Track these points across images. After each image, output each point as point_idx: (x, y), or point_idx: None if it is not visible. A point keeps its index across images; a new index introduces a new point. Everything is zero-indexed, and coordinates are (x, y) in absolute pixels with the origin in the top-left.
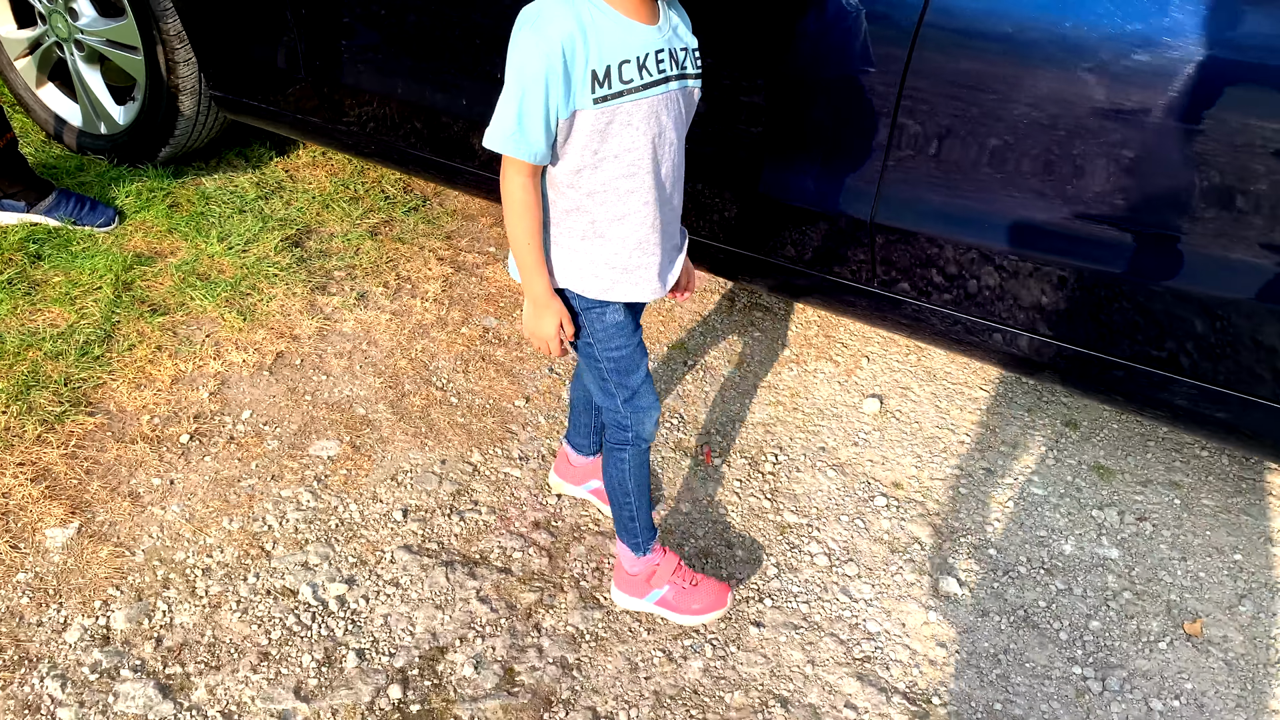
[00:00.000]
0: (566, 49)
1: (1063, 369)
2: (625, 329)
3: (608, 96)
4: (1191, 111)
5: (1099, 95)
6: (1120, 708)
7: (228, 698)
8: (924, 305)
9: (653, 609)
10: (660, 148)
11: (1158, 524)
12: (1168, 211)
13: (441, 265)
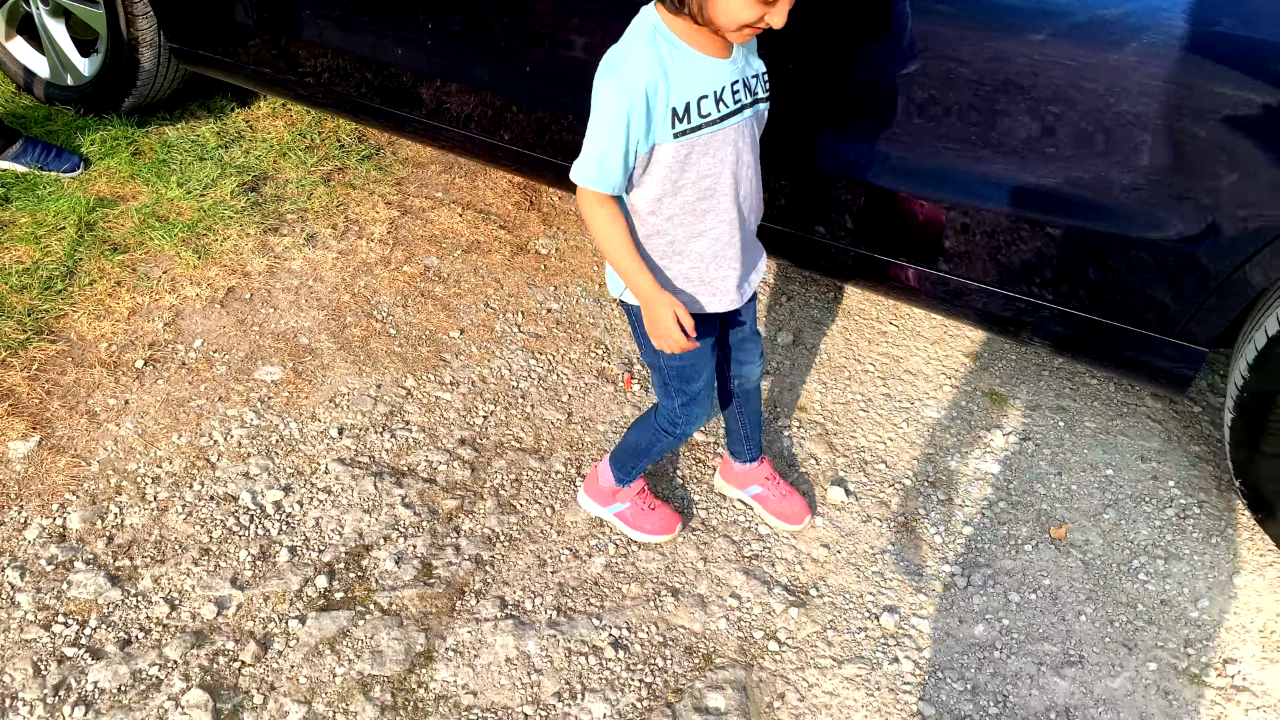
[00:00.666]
0: (649, 91)
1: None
2: (697, 351)
3: (687, 130)
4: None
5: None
6: (981, 600)
7: (170, 586)
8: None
9: (610, 519)
10: (738, 171)
11: (1040, 444)
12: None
13: (389, 209)
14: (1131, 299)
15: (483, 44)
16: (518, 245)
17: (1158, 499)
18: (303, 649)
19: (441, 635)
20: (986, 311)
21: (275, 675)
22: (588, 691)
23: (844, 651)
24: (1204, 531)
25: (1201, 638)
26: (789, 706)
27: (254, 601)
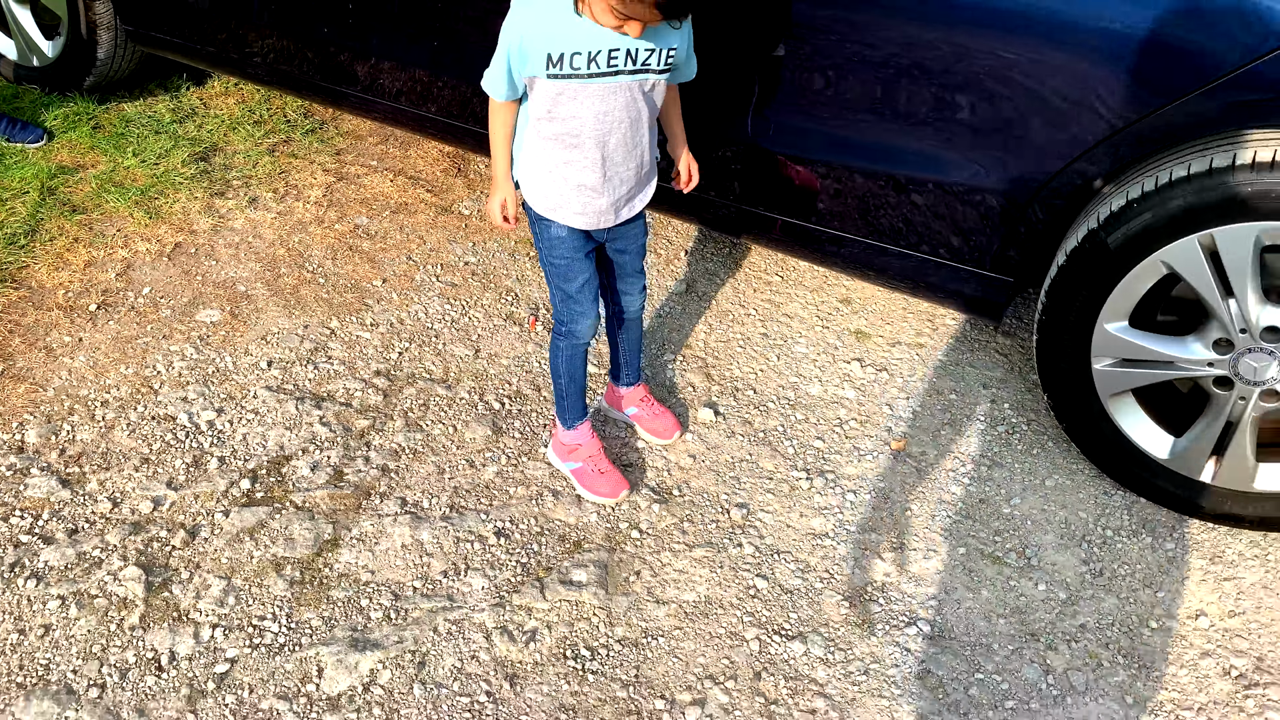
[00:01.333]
0: (531, 33)
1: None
2: (566, 244)
3: (557, 76)
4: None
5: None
6: (822, 499)
7: (114, 488)
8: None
9: (567, 474)
10: (604, 123)
11: (894, 374)
12: None
13: (327, 175)
14: (949, 237)
15: (410, 26)
16: (442, 207)
17: (991, 418)
18: (225, 536)
19: (347, 527)
20: (838, 254)
21: (201, 557)
22: (470, 570)
23: (696, 538)
24: (1027, 444)
25: (1009, 529)
26: (642, 580)
27: (185, 500)
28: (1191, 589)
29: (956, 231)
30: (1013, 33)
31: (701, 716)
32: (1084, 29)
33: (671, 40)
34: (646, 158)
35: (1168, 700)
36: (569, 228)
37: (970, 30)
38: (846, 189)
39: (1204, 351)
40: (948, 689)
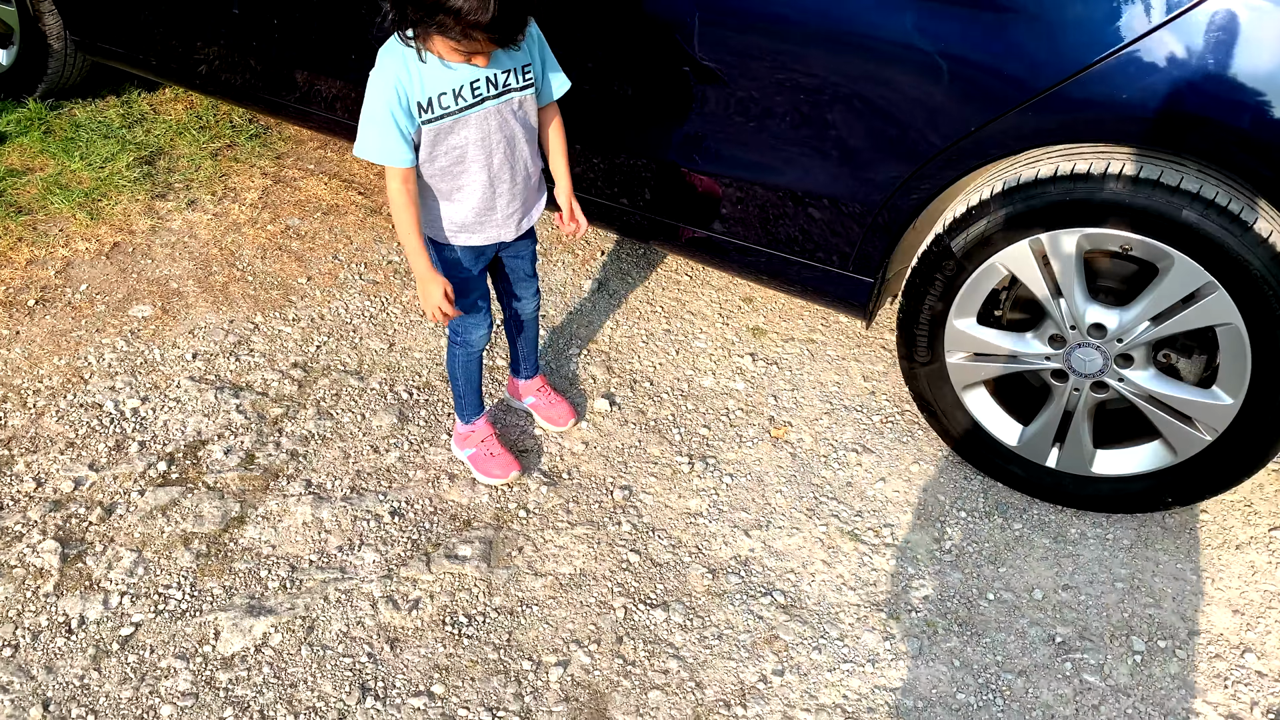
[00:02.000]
0: (399, 87)
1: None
2: (461, 265)
3: (431, 119)
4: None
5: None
6: (700, 482)
7: (39, 469)
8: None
9: (464, 459)
10: (488, 144)
11: (784, 368)
12: None
13: (265, 179)
14: (818, 243)
15: (338, 41)
16: (372, 209)
17: (868, 409)
18: (139, 513)
19: (254, 506)
20: (731, 259)
21: (115, 532)
22: (364, 545)
23: (579, 517)
24: (898, 433)
25: (870, 509)
26: (524, 555)
27: (105, 480)
28: (1032, 565)
29: (823, 237)
30: (860, 58)
31: (564, 676)
32: (918, 53)
33: (522, 59)
34: (532, 170)
35: (992, 663)
36: (463, 248)
37: (827, 55)
38: (738, 199)
39: (1041, 346)
40: (792, 653)
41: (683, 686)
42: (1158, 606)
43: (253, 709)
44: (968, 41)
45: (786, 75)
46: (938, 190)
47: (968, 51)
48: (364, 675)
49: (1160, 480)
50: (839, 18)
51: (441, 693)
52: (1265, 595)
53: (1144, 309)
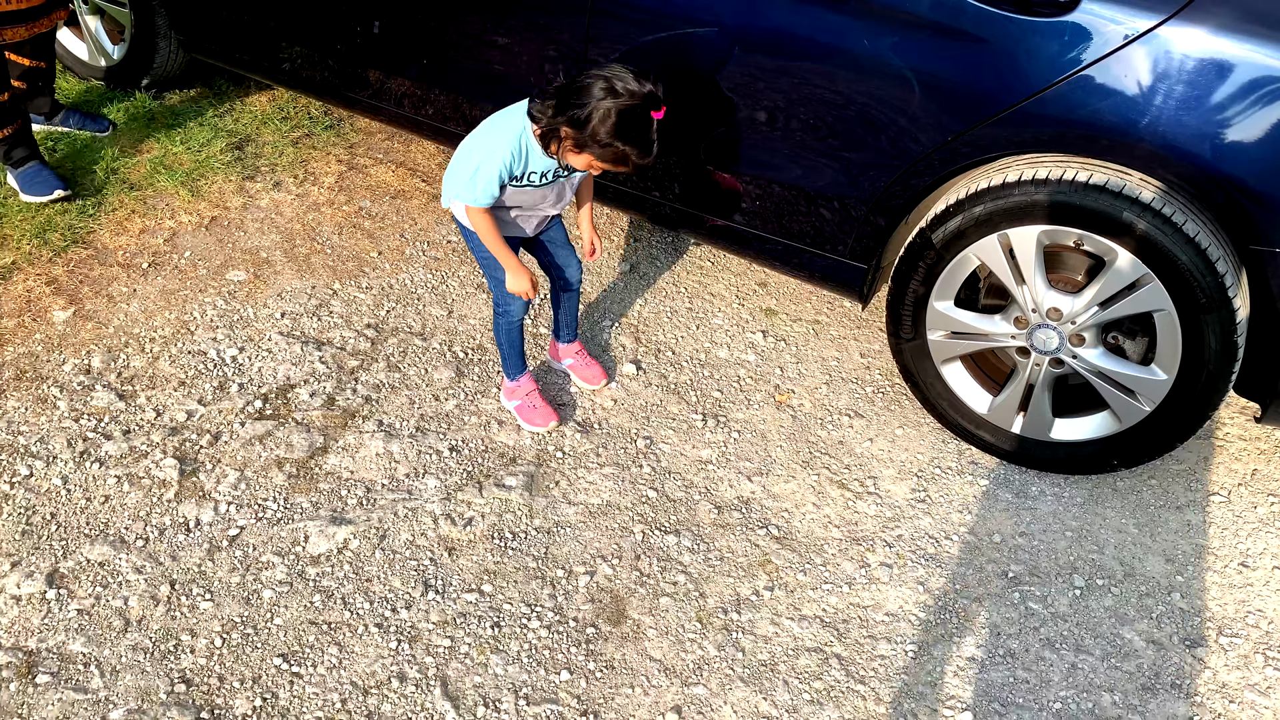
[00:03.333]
0: (507, 164)
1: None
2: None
3: (518, 186)
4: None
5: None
6: (711, 435)
7: (157, 402)
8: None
9: (510, 409)
10: (545, 199)
11: (790, 343)
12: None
13: (339, 165)
14: (821, 233)
15: (409, 46)
16: (434, 195)
17: (862, 380)
18: (240, 440)
19: (335, 439)
20: (747, 245)
21: (221, 454)
22: (427, 474)
23: (607, 460)
24: (887, 401)
25: (858, 464)
26: (560, 488)
27: (211, 413)
28: (995, 515)
29: (826, 228)
30: (855, 76)
31: (590, 583)
32: (903, 73)
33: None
34: (564, 202)
35: (950, 590)
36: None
37: (829, 73)
38: (755, 194)
39: (1007, 326)
40: (782, 574)
41: (688, 595)
42: (1100, 553)
43: (336, 596)
44: (944, 64)
45: (797, 90)
46: (923, 191)
47: (944, 73)
48: (426, 574)
49: (1108, 445)
50: (838, 42)
51: (490, 591)
52: (1196, 548)
53: (1093, 296)
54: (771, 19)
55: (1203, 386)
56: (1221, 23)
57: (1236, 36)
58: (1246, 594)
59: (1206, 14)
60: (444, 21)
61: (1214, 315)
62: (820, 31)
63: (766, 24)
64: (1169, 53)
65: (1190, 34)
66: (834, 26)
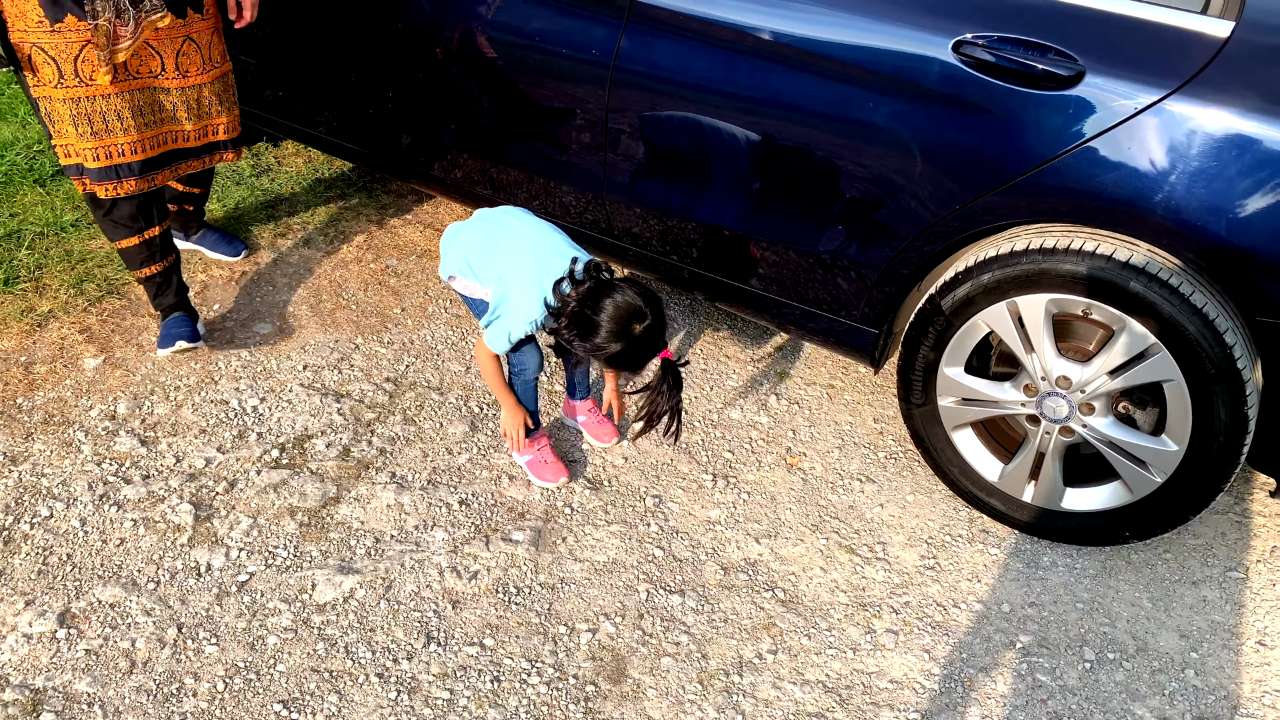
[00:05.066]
0: (531, 325)
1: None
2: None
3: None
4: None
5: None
6: (721, 496)
7: (178, 449)
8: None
9: (521, 464)
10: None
11: (804, 407)
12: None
13: (370, 225)
14: (834, 298)
15: (438, 111)
16: None
17: (875, 446)
18: (255, 488)
19: (348, 489)
20: (760, 308)
21: (236, 500)
22: (435, 526)
23: (615, 517)
24: (899, 467)
25: (868, 529)
26: (567, 544)
27: (229, 460)
28: (1005, 584)
29: (839, 293)
30: (864, 146)
31: (592, 640)
32: (912, 143)
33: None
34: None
35: (957, 659)
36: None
37: (841, 142)
38: (769, 260)
39: (1017, 394)
40: (786, 638)
41: (690, 656)
42: (1112, 626)
43: (339, 644)
44: (952, 135)
45: (810, 159)
46: (933, 258)
47: (951, 143)
48: (429, 626)
49: (1119, 516)
50: (848, 113)
51: (491, 645)
52: (1211, 624)
53: (1101, 365)
54: (785, 90)
55: (1214, 458)
56: (1224, 98)
57: (1240, 112)
58: (1264, 673)
59: (1210, 89)
60: (472, 90)
61: (1223, 386)
62: (831, 103)
63: (780, 95)
64: (1172, 127)
65: (1193, 109)
66: (845, 98)
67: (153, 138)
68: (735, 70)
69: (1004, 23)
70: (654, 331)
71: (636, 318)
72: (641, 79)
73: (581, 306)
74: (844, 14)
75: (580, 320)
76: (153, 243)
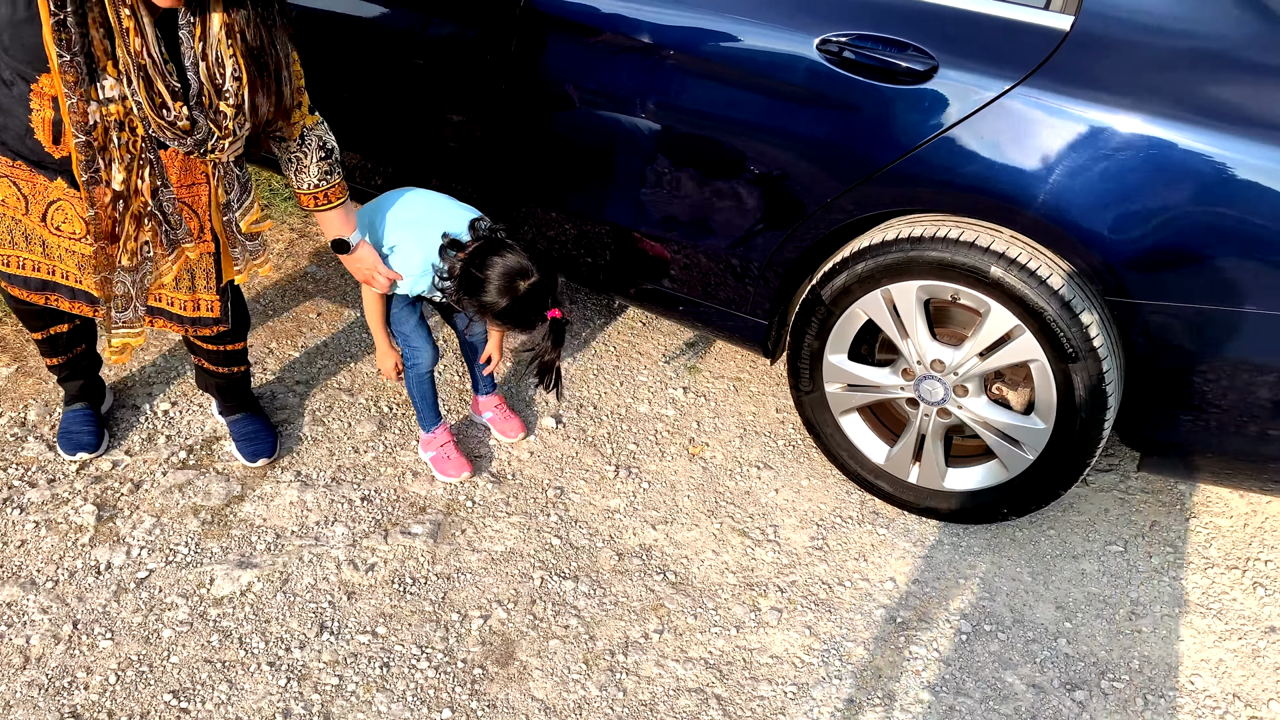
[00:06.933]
0: (421, 285)
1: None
2: (396, 300)
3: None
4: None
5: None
6: (622, 486)
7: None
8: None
9: (426, 461)
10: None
11: (710, 399)
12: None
13: (292, 233)
14: (727, 292)
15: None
16: None
17: (774, 435)
18: (161, 489)
19: (253, 488)
20: (665, 305)
21: (140, 501)
22: (336, 522)
23: (516, 509)
24: (796, 454)
25: (761, 513)
26: (465, 536)
27: (136, 463)
28: (891, 562)
29: (729, 287)
30: (750, 140)
31: (483, 626)
32: (788, 140)
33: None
34: None
35: (838, 634)
36: (398, 296)
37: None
38: (666, 257)
39: (896, 378)
40: (673, 618)
41: (578, 638)
42: (991, 600)
43: (234, 635)
44: (822, 129)
45: (698, 158)
46: (813, 249)
47: (822, 137)
48: (323, 616)
49: (997, 494)
50: (727, 112)
51: (384, 633)
52: (1088, 595)
53: (971, 348)
54: (667, 91)
55: (1078, 435)
56: (1068, 88)
57: (1082, 100)
58: (1133, 639)
59: (1054, 79)
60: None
61: (1080, 364)
62: (711, 103)
63: (663, 96)
64: (1020, 116)
65: (1039, 98)
66: (722, 98)
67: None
68: (619, 72)
69: (863, 21)
70: (541, 289)
71: (522, 275)
72: (533, 82)
73: (469, 264)
74: (715, 15)
75: (467, 277)
76: (58, 339)
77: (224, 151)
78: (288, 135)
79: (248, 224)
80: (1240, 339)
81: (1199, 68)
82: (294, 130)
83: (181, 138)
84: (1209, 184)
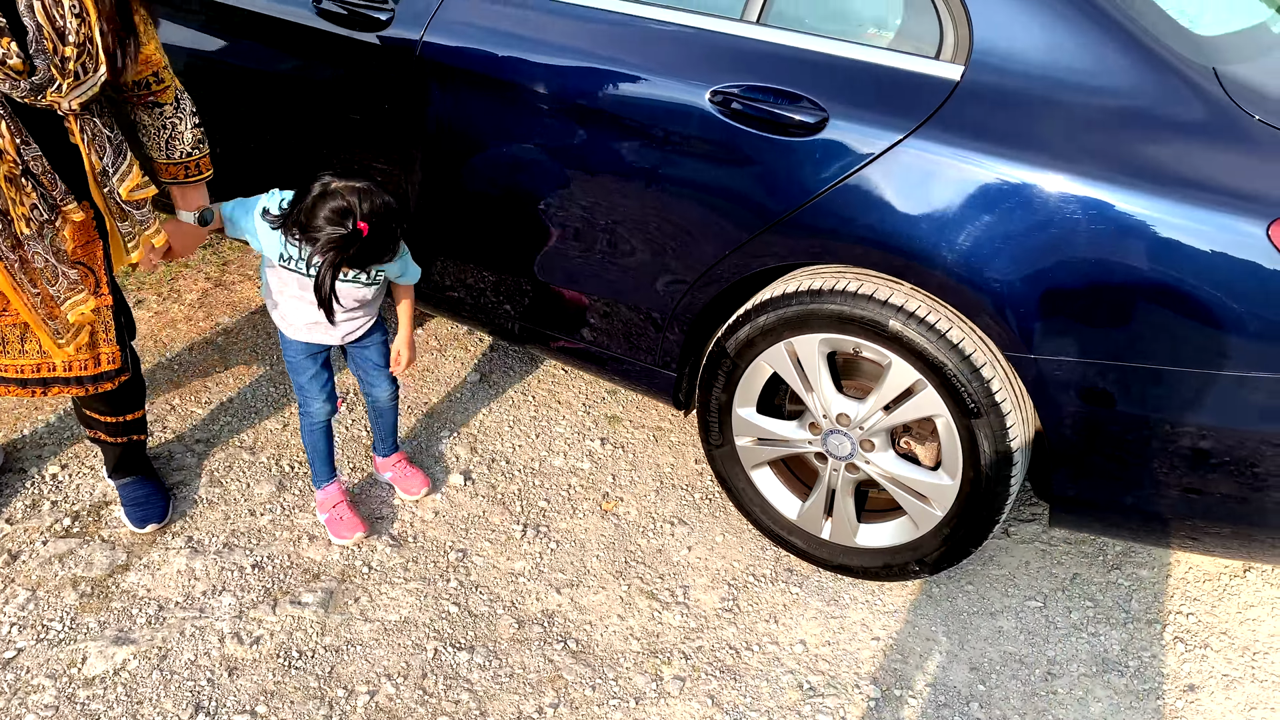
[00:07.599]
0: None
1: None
2: (294, 347)
3: (285, 268)
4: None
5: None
6: (529, 546)
7: None
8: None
9: (322, 523)
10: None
11: (628, 450)
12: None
13: (207, 283)
14: (637, 344)
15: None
16: None
17: (691, 488)
18: (40, 559)
19: (139, 556)
20: (575, 355)
21: (16, 575)
22: (224, 591)
23: (414, 575)
24: (713, 509)
25: (672, 573)
26: (359, 604)
27: (17, 531)
28: (802, 623)
29: (639, 339)
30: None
31: (369, 703)
32: (686, 192)
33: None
34: (371, 309)
35: (741, 703)
36: (297, 342)
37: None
38: (577, 309)
39: (804, 432)
40: (570, 690)
41: (469, 713)
42: (904, 662)
43: (102, 719)
44: (721, 181)
45: (604, 211)
46: (715, 301)
47: (719, 190)
48: (200, 696)
49: (909, 551)
50: (629, 162)
51: (264, 712)
52: (1003, 655)
53: (875, 401)
54: (568, 143)
55: (984, 492)
56: (958, 138)
57: (972, 150)
58: (1048, 701)
59: (944, 130)
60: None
61: (984, 420)
62: (610, 155)
63: (565, 148)
64: (912, 166)
65: (930, 148)
66: (621, 150)
67: None
68: (519, 123)
69: (754, 72)
70: (351, 194)
71: (337, 193)
72: (434, 133)
73: (299, 200)
74: (612, 64)
75: (294, 204)
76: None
77: (62, 95)
78: (161, 97)
79: (127, 190)
80: (1138, 394)
81: (1090, 119)
82: (167, 94)
83: (13, 79)
84: (1101, 236)
